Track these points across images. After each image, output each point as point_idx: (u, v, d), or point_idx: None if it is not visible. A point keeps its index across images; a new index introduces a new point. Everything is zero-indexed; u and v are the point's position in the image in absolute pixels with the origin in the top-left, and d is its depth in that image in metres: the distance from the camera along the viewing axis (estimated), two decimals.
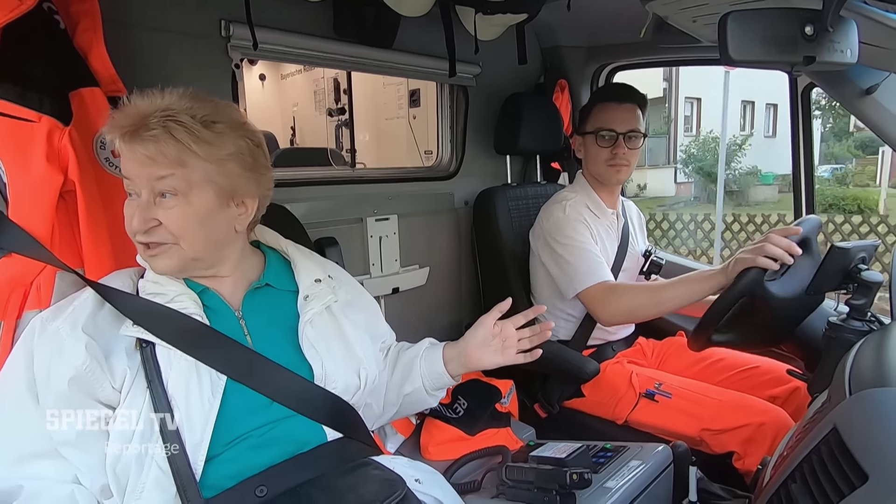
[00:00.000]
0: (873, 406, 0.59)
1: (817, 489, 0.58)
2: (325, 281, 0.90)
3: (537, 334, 0.95)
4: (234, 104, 0.83)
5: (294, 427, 0.80)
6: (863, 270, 0.98)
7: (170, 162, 0.73)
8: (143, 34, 1.14)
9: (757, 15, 0.75)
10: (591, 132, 1.48)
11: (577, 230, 1.42)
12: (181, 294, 0.79)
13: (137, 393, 0.72)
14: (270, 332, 0.84)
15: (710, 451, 1.21)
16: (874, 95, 1.17)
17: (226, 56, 1.27)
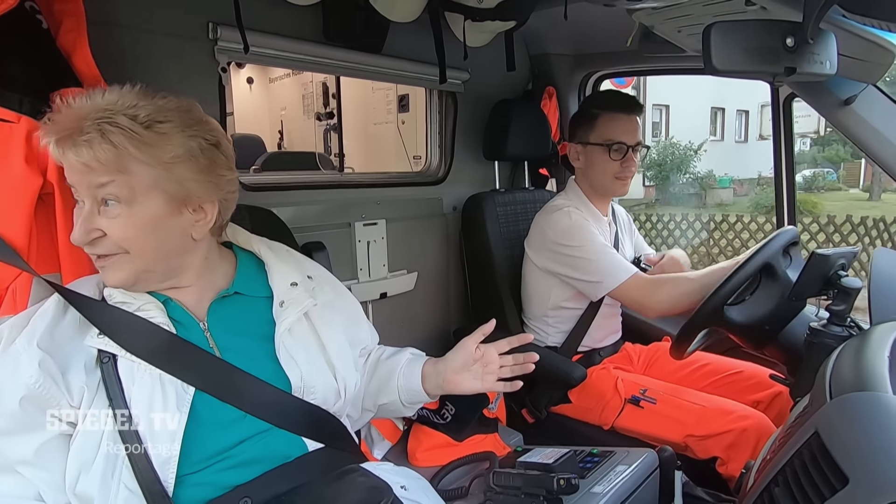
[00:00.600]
0: (853, 410, 0.60)
1: (800, 492, 0.59)
2: (303, 283, 0.85)
3: (520, 364, 0.90)
4: (194, 102, 0.78)
5: (272, 442, 0.77)
6: (842, 277, 1.00)
7: (108, 168, 0.68)
8: (128, 35, 1.13)
9: (740, 26, 0.77)
10: (599, 143, 1.45)
11: (589, 231, 1.41)
12: (148, 303, 0.75)
13: (98, 410, 0.69)
14: (241, 342, 0.80)
15: (695, 456, 1.22)
16: (852, 106, 1.20)
17: (213, 59, 1.25)
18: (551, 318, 1.52)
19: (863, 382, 0.63)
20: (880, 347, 0.69)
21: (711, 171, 11.42)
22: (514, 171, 2.05)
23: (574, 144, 1.51)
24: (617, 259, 1.38)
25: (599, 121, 1.46)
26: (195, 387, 0.72)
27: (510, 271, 1.68)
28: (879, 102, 1.21)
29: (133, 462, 0.68)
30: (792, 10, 0.94)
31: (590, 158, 1.48)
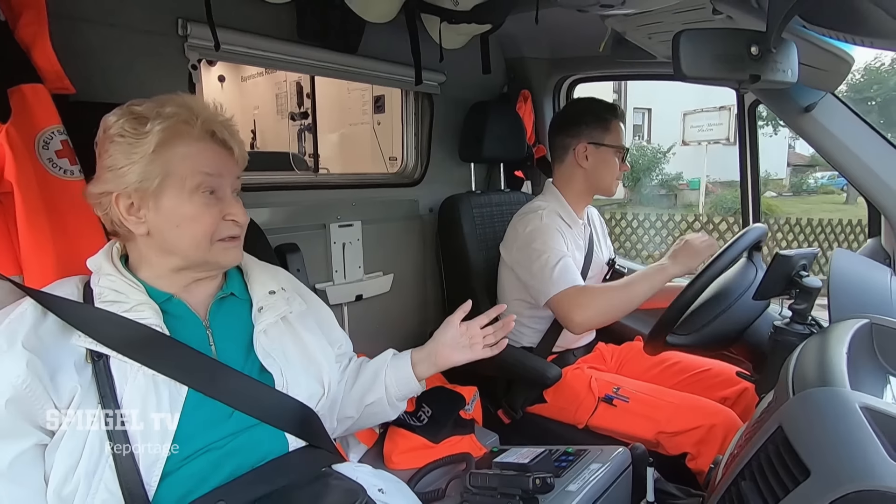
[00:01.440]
0: (814, 405, 0.62)
1: (765, 485, 0.61)
2: (279, 293, 0.89)
3: (500, 327, 0.99)
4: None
5: (255, 438, 0.78)
6: (804, 277, 1.04)
7: (243, 164, 0.85)
8: (93, 30, 1.09)
9: (708, 34, 0.79)
10: (613, 146, 1.50)
11: (554, 238, 1.43)
12: (142, 303, 0.76)
13: (88, 409, 0.68)
14: (233, 341, 0.82)
15: (666, 452, 1.25)
16: (812, 113, 1.25)
17: (182, 56, 1.22)
18: (526, 319, 1.53)
19: (823, 378, 0.65)
20: (839, 344, 0.72)
21: (681, 172, 11.76)
22: (489, 173, 2.06)
23: (586, 144, 1.50)
24: (565, 270, 1.37)
25: (612, 126, 1.50)
26: (188, 385, 0.74)
27: (486, 273, 1.69)
28: (838, 110, 1.26)
29: (117, 463, 0.68)
30: (756, 19, 0.97)
31: (603, 160, 1.51)
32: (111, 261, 0.79)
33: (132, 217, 0.77)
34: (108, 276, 0.77)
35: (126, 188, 0.75)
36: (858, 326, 0.76)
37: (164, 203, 0.76)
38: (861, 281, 0.97)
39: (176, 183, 0.76)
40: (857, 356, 0.70)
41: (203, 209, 0.77)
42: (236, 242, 0.83)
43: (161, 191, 0.76)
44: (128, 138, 0.75)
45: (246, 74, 5.23)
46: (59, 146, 0.87)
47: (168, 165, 0.75)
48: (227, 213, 0.80)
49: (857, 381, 0.64)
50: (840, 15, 0.86)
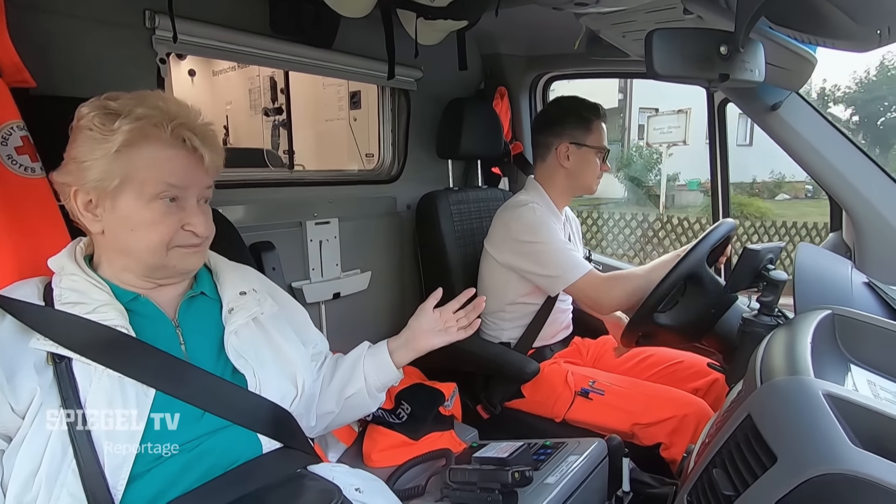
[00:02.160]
0: (780, 394, 0.64)
1: (735, 472, 0.63)
2: (250, 294, 0.87)
3: (471, 309, 1.02)
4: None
5: (227, 439, 0.76)
6: (771, 270, 1.07)
7: (216, 172, 0.81)
8: (56, 21, 1.05)
9: (679, 34, 0.81)
10: (594, 147, 1.51)
11: (552, 228, 1.45)
12: (105, 304, 0.73)
13: (48, 412, 0.66)
14: (204, 341, 0.80)
15: (641, 443, 1.28)
16: (779, 112, 1.29)
17: (150, 49, 1.18)
18: (508, 314, 1.55)
19: (788, 368, 0.68)
20: (803, 335, 0.74)
21: (678, 173, 11.71)
22: (467, 170, 2.07)
23: (567, 144, 1.51)
24: (575, 256, 1.42)
25: (594, 126, 1.52)
26: (155, 388, 0.72)
27: (464, 269, 1.69)
28: (802, 109, 1.31)
29: (81, 467, 0.66)
30: (725, 20, 1.00)
31: (584, 160, 1.52)
32: (74, 260, 0.77)
33: (88, 214, 0.75)
34: (70, 277, 0.75)
35: (85, 184, 0.73)
36: (821, 317, 0.79)
37: (121, 205, 0.74)
38: (824, 274, 1.01)
39: (135, 187, 0.73)
40: (820, 346, 0.72)
41: (160, 217, 0.74)
42: (196, 248, 0.79)
43: (119, 192, 0.73)
44: (95, 133, 0.72)
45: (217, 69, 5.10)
46: (18, 142, 0.84)
47: (129, 168, 0.72)
48: (186, 223, 0.77)
49: (821, 369, 0.66)
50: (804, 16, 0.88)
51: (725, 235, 1.20)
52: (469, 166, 2.06)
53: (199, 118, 0.79)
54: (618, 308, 1.41)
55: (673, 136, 9.38)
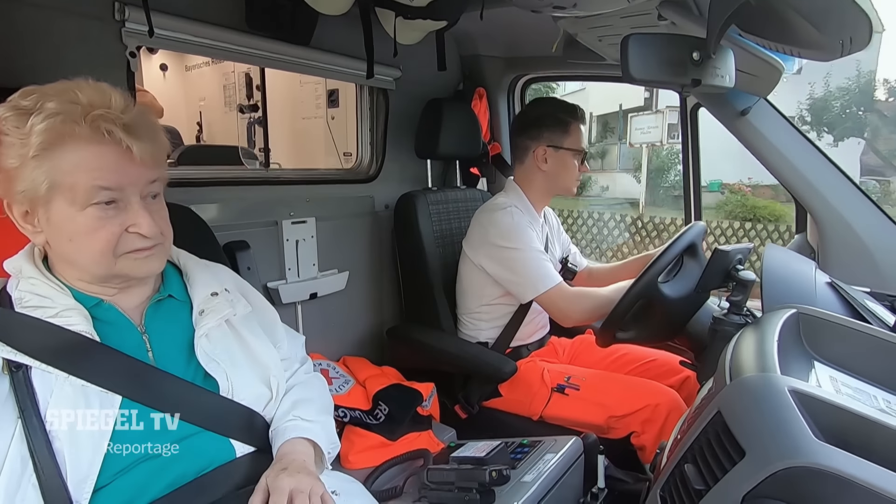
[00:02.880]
0: (748, 390, 0.66)
1: (705, 467, 0.64)
2: (222, 294, 0.83)
3: None
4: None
5: (198, 445, 0.74)
6: (740, 270, 1.11)
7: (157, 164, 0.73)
8: (20, 11, 1.01)
9: (654, 39, 0.83)
10: (573, 149, 1.52)
11: (528, 235, 1.46)
12: (68, 308, 0.69)
13: (5, 426, 0.62)
14: (173, 346, 0.77)
15: (616, 435, 1.30)
16: (748, 117, 1.33)
17: (120, 42, 1.15)
18: (485, 314, 1.55)
19: (757, 365, 0.70)
20: (770, 333, 0.77)
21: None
22: (445, 170, 2.07)
23: (545, 147, 1.52)
24: (547, 266, 1.44)
25: (571, 128, 1.53)
26: (120, 394, 0.68)
27: (443, 269, 1.69)
28: (769, 115, 1.35)
29: (42, 481, 0.62)
30: (697, 26, 1.02)
31: (562, 162, 1.53)
32: (33, 262, 0.73)
33: (28, 225, 0.70)
34: (29, 280, 0.71)
35: (15, 194, 0.67)
36: (787, 316, 0.82)
37: (54, 215, 0.67)
38: (789, 274, 1.05)
39: (65, 193, 0.66)
40: (786, 344, 0.75)
41: (97, 223, 0.68)
42: (150, 252, 0.73)
43: (49, 200, 0.67)
44: (12, 137, 0.65)
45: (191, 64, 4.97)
46: None
47: (53, 173, 0.65)
48: (130, 225, 0.70)
49: (787, 366, 0.68)
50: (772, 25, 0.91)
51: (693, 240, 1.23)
52: (448, 166, 2.06)
53: (125, 107, 0.69)
54: (581, 322, 1.45)
55: (651, 136, 9.45)
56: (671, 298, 1.16)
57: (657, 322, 1.20)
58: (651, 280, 1.15)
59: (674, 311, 1.20)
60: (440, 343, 1.51)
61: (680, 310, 1.21)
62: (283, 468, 0.71)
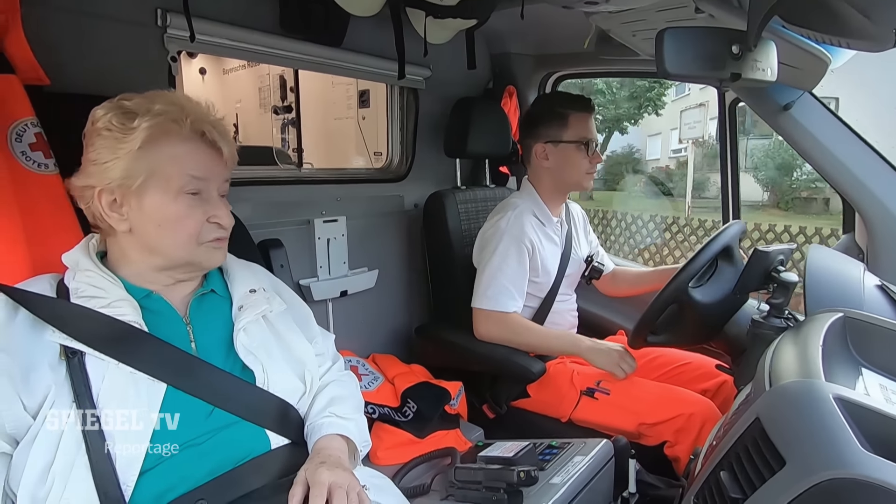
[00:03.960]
0: (789, 397, 0.64)
1: (742, 475, 0.62)
2: (260, 291, 0.88)
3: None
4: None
5: (236, 435, 0.77)
6: (781, 272, 1.06)
7: (231, 165, 0.83)
8: (69, 19, 1.06)
9: (691, 32, 0.80)
10: (573, 142, 1.48)
11: (509, 247, 1.45)
12: (120, 299, 0.74)
13: (62, 409, 0.66)
14: (214, 338, 0.81)
15: (647, 443, 1.27)
16: (791, 111, 1.28)
17: (162, 47, 1.19)
18: None
19: (799, 371, 0.67)
20: (814, 338, 0.74)
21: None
22: (475, 169, 2.06)
23: (543, 144, 1.51)
24: (504, 288, 1.44)
25: (571, 120, 1.49)
26: (166, 382, 0.72)
27: (471, 268, 1.69)
28: (815, 109, 1.29)
29: (93, 463, 0.66)
30: (737, 18, 0.99)
31: (564, 157, 1.50)
32: (89, 256, 0.78)
33: (114, 213, 0.76)
34: (85, 272, 0.76)
35: (109, 183, 0.74)
36: (833, 320, 0.78)
37: (147, 202, 0.75)
38: (835, 276, 1.00)
39: (160, 183, 0.75)
40: (831, 349, 0.72)
41: (187, 211, 0.77)
42: (222, 244, 0.82)
43: (144, 189, 0.75)
44: (114, 133, 0.74)
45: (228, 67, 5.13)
46: (32, 139, 0.85)
47: (153, 164, 0.74)
48: (211, 216, 0.79)
49: (831, 373, 0.65)
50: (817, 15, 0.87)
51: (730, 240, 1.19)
52: (477, 165, 2.06)
53: (212, 113, 0.81)
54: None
55: (696, 131, 8.82)
56: (704, 302, 1.13)
57: (691, 325, 1.17)
58: (683, 283, 1.12)
59: (709, 313, 1.17)
60: (468, 342, 1.51)
61: (716, 312, 1.18)
62: (321, 462, 0.74)
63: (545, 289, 1.55)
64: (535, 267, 1.50)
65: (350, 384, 0.97)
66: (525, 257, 1.47)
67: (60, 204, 0.86)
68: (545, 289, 1.55)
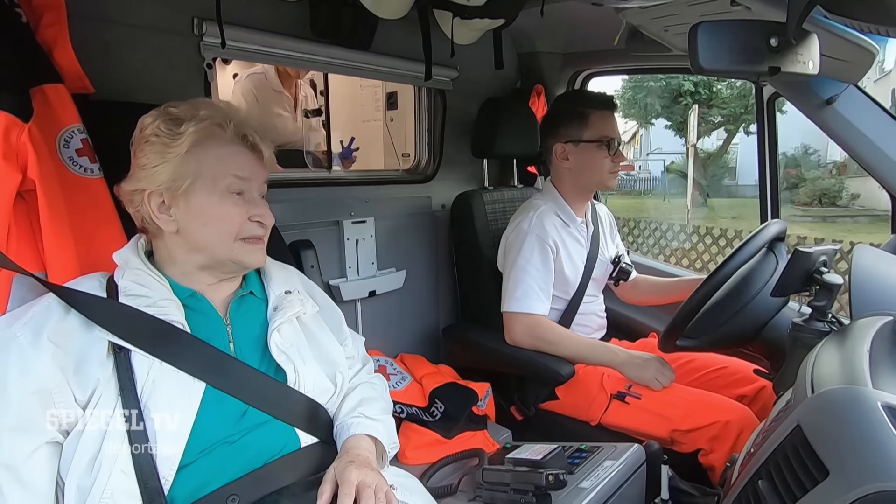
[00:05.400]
0: (833, 404, 0.61)
1: (782, 485, 0.60)
2: (295, 293, 0.91)
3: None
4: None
5: (268, 433, 0.79)
6: (824, 273, 1.02)
7: (269, 168, 0.87)
8: (111, 30, 1.11)
9: (725, 26, 0.78)
10: (594, 141, 1.46)
11: (531, 250, 1.44)
12: (166, 299, 0.78)
13: (107, 402, 0.69)
14: (251, 339, 0.84)
15: (681, 450, 1.23)
16: (834, 105, 1.22)
17: (198, 55, 1.24)
18: None
19: (844, 377, 0.64)
20: (861, 342, 0.70)
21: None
22: (502, 169, 2.05)
23: (563, 144, 1.50)
24: (526, 290, 1.43)
25: (591, 119, 1.47)
26: (206, 382, 0.75)
27: (498, 269, 1.68)
28: (861, 102, 1.23)
29: (135, 456, 0.69)
30: (775, 10, 0.95)
31: (585, 156, 1.48)
32: (138, 255, 0.81)
33: (163, 215, 0.80)
34: (135, 271, 0.79)
35: (158, 187, 0.78)
36: (882, 324, 0.74)
37: (194, 202, 0.79)
38: (884, 277, 0.95)
39: (207, 183, 0.79)
40: (879, 354, 0.68)
41: (231, 209, 0.81)
42: (260, 244, 0.85)
43: (192, 190, 0.79)
44: (162, 138, 0.78)
45: None
46: (79, 144, 0.89)
47: (200, 166, 0.79)
48: (253, 214, 0.82)
49: (879, 379, 0.62)
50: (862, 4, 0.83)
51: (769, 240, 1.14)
52: (504, 165, 2.05)
53: (255, 119, 0.85)
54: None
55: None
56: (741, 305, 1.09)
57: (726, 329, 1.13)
58: (717, 284, 1.08)
59: (746, 317, 1.12)
60: (496, 343, 1.50)
61: (753, 315, 1.13)
62: (350, 461, 0.75)
63: (571, 290, 1.53)
64: (561, 268, 1.48)
65: (379, 387, 0.99)
66: (549, 258, 1.46)
67: (105, 207, 0.90)
68: (571, 290, 1.53)
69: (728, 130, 12.01)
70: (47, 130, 0.86)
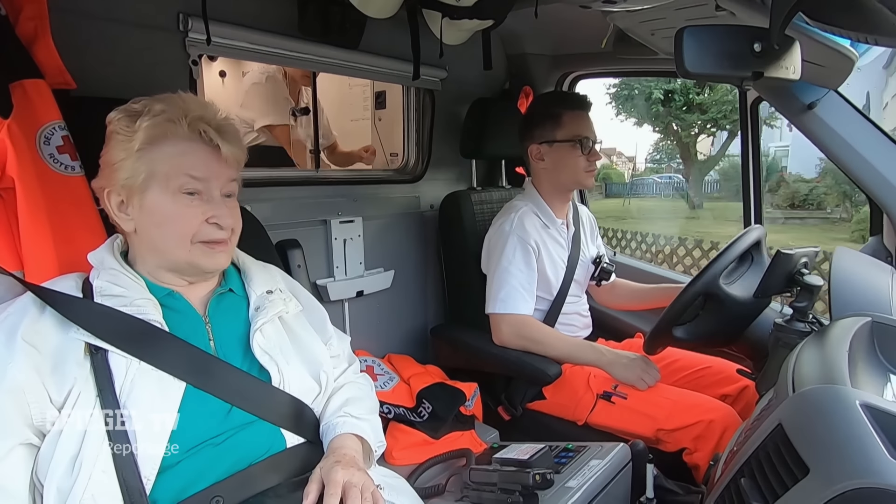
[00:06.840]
0: (813, 403, 0.62)
1: (764, 483, 0.61)
2: (277, 293, 0.89)
3: None
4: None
5: (253, 434, 0.78)
6: (805, 275, 1.04)
7: (238, 165, 0.83)
8: (94, 24, 1.09)
9: (711, 30, 0.79)
10: (567, 140, 1.48)
11: (514, 250, 1.45)
12: (143, 298, 0.76)
13: (85, 403, 0.68)
14: (232, 338, 0.83)
15: (665, 449, 1.25)
16: (815, 110, 1.24)
17: (183, 51, 1.22)
18: None
19: (823, 376, 0.66)
20: (840, 342, 0.72)
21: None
22: (491, 170, 2.06)
23: (538, 145, 1.52)
24: (516, 290, 1.44)
25: (564, 119, 1.49)
26: (185, 381, 0.74)
27: None
28: (841, 107, 1.26)
29: (115, 457, 0.68)
30: (759, 16, 0.97)
31: (559, 156, 1.50)
32: (113, 255, 0.80)
33: (122, 214, 0.79)
34: (110, 271, 0.78)
35: (116, 184, 0.77)
36: (860, 325, 0.76)
37: (147, 201, 0.77)
38: (862, 279, 0.97)
39: (160, 182, 0.76)
40: (857, 354, 0.70)
41: (184, 210, 0.77)
42: (222, 247, 0.81)
43: (145, 189, 0.76)
44: (121, 135, 0.77)
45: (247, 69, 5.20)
46: (60, 141, 0.87)
47: (152, 164, 0.76)
48: (210, 216, 0.78)
49: (858, 379, 0.64)
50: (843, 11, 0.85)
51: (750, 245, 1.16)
52: (493, 166, 2.05)
53: (218, 114, 0.82)
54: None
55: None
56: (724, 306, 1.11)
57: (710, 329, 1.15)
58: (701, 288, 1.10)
59: (729, 317, 1.14)
60: (484, 343, 1.51)
61: (737, 316, 1.15)
62: (337, 461, 0.75)
63: (554, 291, 1.54)
64: (542, 268, 1.50)
65: (365, 386, 0.98)
66: (532, 258, 1.47)
67: (85, 205, 0.88)
68: (554, 291, 1.54)
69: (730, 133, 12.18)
70: (27, 127, 0.84)
